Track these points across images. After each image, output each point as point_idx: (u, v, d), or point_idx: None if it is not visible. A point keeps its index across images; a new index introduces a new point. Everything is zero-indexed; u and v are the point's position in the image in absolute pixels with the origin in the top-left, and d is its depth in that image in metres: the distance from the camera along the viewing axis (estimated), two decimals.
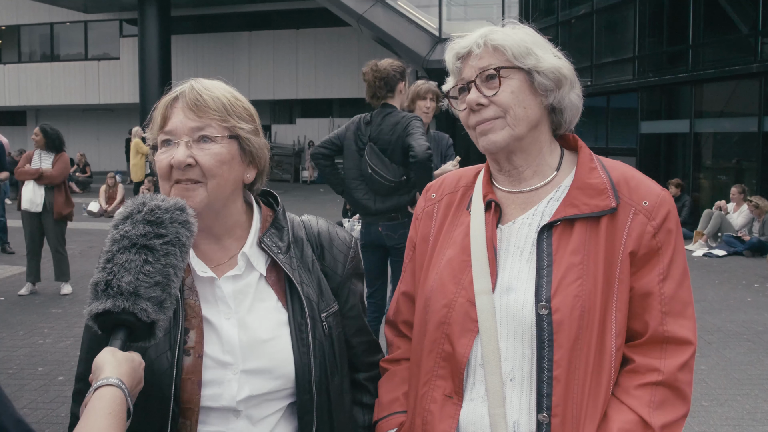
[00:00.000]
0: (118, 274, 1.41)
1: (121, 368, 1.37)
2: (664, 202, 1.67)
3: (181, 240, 1.49)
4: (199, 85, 1.69)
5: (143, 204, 1.50)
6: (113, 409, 1.30)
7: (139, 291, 1.41)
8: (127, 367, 1.39)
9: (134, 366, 1.41)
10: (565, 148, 1.82)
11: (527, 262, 1.67)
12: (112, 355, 1.39)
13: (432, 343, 1.73)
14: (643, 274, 1.64)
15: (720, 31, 15.48)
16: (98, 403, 1.30)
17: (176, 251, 1.47)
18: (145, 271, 1.42)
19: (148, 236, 1.45)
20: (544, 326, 1.59)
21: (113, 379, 1.34)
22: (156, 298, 1.43)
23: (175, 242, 1.48)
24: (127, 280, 1.41)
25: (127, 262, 1.43)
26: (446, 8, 25.42)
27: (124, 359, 1.39)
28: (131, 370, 1.39)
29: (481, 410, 1.66)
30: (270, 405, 1.69)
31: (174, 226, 1.48)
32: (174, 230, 1.48)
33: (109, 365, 1.36)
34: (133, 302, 1.40)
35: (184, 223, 1.50)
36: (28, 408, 5.44)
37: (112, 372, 1.35)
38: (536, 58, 1.69)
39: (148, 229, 1.46)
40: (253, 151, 1.73)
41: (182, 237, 1.49)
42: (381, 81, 5.39)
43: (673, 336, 1.63)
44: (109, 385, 1.33)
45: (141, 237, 1.45)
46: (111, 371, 1.35)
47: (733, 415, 5.38)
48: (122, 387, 1.34)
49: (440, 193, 1.92)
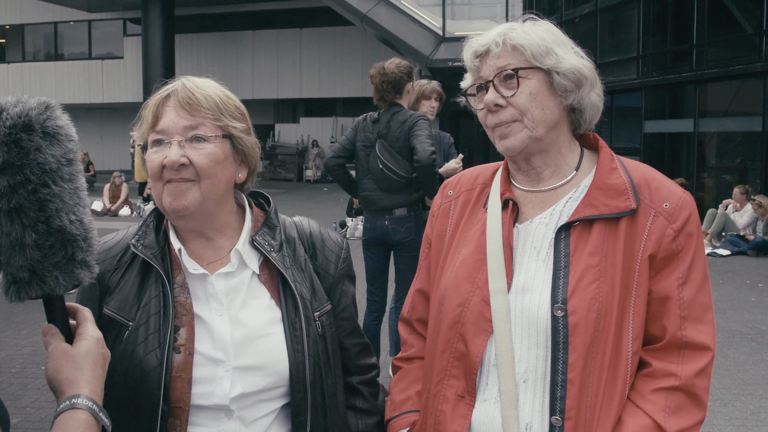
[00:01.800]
0: (4, 256, 1.18)
1: (82, 376, 1.19)
2: (685, 204, 1.64)
3: (50, 168, 1.18)
4: (191, 83, 1.66)
5: None
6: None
7: (36, 269, 1.20)
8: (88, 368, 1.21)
9: (94, 358, 1.24)
10: (585, 147, 1.79)
11: (544, 263, 1.65)
12: (66, 361, 1.21)
13: (446, 342, 1.72)
14: (662, 277, 1.62)
15: (724, 31, 15.45)
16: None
17: (53, 190, 1.18)
18: (31, 242, 1.18)
19: (7, 195, 1.15)
20: (560, 328, 1.57)
21: (81, 400, 1.16)
22: (60, 261, 1.22)
23: (46, 179, 1.17)
24: (18, 263, 1.19)
25: (3, 236, 1.17)
26: (450, 7, 25.40)
27: (81, 359, 1.22)
28: (92, 365, 1.23)
29: (493, 411, 1.64)
30: (263, 406, 1.67)
31: (30, 159, 1.16)
32: (34, 165, 1.15)
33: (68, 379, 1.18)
34: (38, 285, 1.21)
35: (43, 142, 1.17)
36: (30, 407, 5.45)
37: (75, 388, 1.17)
38: (556, 58, 1.65)
39: (3, 183, 1.15)
40: (245, 150, 1.71)
41: (47, 163, 1.17)
42: (389, 84, 5.39)
43: (691, 341, 1.60)
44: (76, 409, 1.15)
45: (1, 199, 1.16)
46: (73, 388, 1.17)
47: (737, 415, 5.37)
48: (92, 407, 1.17)
49: (457, 190, 1.89)
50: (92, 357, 1.23)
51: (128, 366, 1.59)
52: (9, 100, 1.18)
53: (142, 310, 1.63)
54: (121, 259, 1.70)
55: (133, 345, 1.59)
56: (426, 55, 23.27)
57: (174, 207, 1.61)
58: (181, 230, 1.72)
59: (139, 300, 1.64)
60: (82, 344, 1.24)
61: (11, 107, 1.16)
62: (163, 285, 1.64)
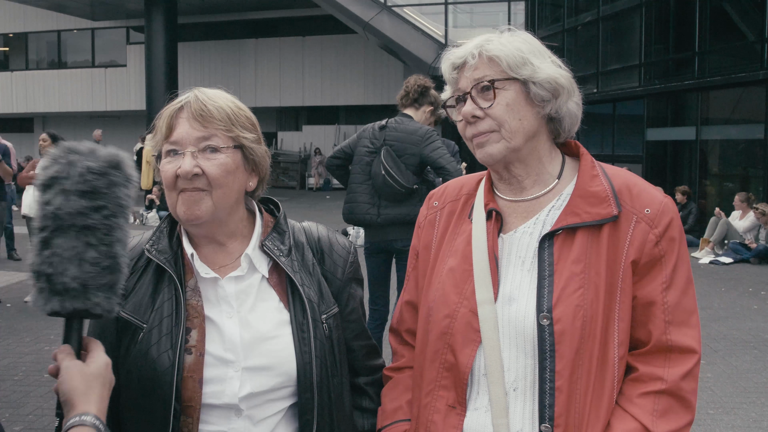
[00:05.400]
0: (60, 266, 1.31)
1: (93, 394, 1.29)
2: (666, 209, 1.65)
3: (122, 204, 1.39)
4: (203, 95, 1.71)
5: (70, 165, 1.36)
6: None
7: (87, 284, 1.32)
8: (98, 389, 1.31)
9: (103, 380, 1.34)
10: (567, 155, 1.80)
11: (529, 272, 1.67)
12: (80, 378, 1.30)
13: (434, 353, 1.73)
14: (645, 282, 1.63)
15: (726, 38, 15.48)
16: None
17: (120, 222, 1.37)
18: (90, 259, 1.32)
19: (85, 213, 1.33)
20: (546, 337, 1.59)
21: (88, 417, 1.26)
22: (106, 284, 1.35)
23: (117, 211, 1.37)
24: (72, 274, 1.31)
25: (67, 249, 1.31)
26: (452, 15, 25.46)
27: (93, 379, 1.32)
28: (101, 386, 1.32)
29: (484, 420, 1.66)
30: (271, 405, 1.71)
31: (112, 190, 1.36)
32: (114, 196, 1.36)
33: (81, 397, 1.28)
34: (83, 300, 1.33)
35: (124, 181, 1.40)
36: (33, 415, 5.45)
37: (84, 405, 1.27)
38: (532, 68, 1.66)
39: (84, 204, 1.33)
40: (255, 159, 1.76)
41: (122, 199, 1.39)
42: (420, 88, 5.48)
43: (676, 345, 1.62)
44: (83, 426, 1.25)
45: (77, 216, 1.32)
46: (83, 404, 1.27)
47: (739, 424, 5.36)
48: (98, 426, 1.26)
49: (442, 201, 1.91)
50: (102, 378, 1.33)
51: (142, 366, 1.65)
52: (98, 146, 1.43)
53: (155, 312, 1.69)
54: (137, 263, 1.76)
55: (147, 346, 1.65)
56: (428, 63, 23.32)
57: (188, 216, 1.67)
58: (193, 236, 1.77)
59: (153, 303, 1.70)
60: (94, 365, 1.34)
61: (101, 149, 1.40)
62: (175, 288, 1.70)
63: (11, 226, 12.64)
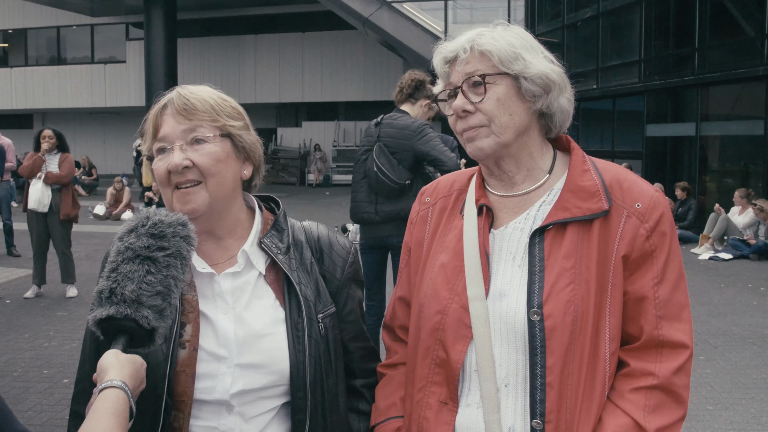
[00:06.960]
0: (122, 282, 1.47)
1: (125, 370, 1.42)
2: (657, 204, 1.64)
3: (182, 253, 1.54)
4: (186, 90, 1.73)
5: (147, 218, 1.55)
6: (116, 409, 1.35)
7: (141, 299, 1.46)
8: (130, 369, 1.44)
9: (136, 367, 1.46)
10: (558, 149, 1.79)
11: (519, 268, 1.66)
12: (115, 357, 1.44)
13: (426, 349, 1.73)
14: (637, 277, 1.62)
15: (726, 34, 15.47)
16: (102, 404, 1.36)
17: (177, 263, 1.53)
18: (148, 281, 1.48)
19: (151, 248, 1.50)
20: (536, 332, 1.58)
21: (117, 381, 1.39)
22: (157, 306, 1.48)
23: (176, 255, 1.53)
24: (130, 288, 1.46)
25: (131, 272, 1.48)
26: (452, 11, 25.44)
27: (127, 361, 1.44)
28: (134, 371, 1.44)
29: (476, 416, 1.66)
30: (263, 403, 1.71)
31: (176, 240, 1.53)
32: (176, 244, 1.53)
33: (113, 368, 1.42)
34: (135, 309, 1.45)
35: (186, 237, 1.56)
36: (32, 411, 5.47)
37: (116, 374, 1.41)
38: (524, 63, 1.65)
39: (151, 242, 1.51)
40: (246, 147, 1.76)
41: (183, 250, 1.55)
42: (414, 82, 5.47)
43: (668, 340, 1.61)
44: (113, 387, 1.38)
45: (144, 249, 1.50)
46: (115, 373, 1.41)
47: (738, 419, 5.36)
48: (125, 389, 1.39)
49: (434, 197, 1.90)
50: (136, 364, 1.47)
51: None
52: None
53: None
54: None
55: None
56: (428, 59, 23.29)
57: (184, 210, 1.67)
58: None
59: None
60: (132, 356, 1.48)
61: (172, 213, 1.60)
62: None
63: (10, 222, 12.65)
